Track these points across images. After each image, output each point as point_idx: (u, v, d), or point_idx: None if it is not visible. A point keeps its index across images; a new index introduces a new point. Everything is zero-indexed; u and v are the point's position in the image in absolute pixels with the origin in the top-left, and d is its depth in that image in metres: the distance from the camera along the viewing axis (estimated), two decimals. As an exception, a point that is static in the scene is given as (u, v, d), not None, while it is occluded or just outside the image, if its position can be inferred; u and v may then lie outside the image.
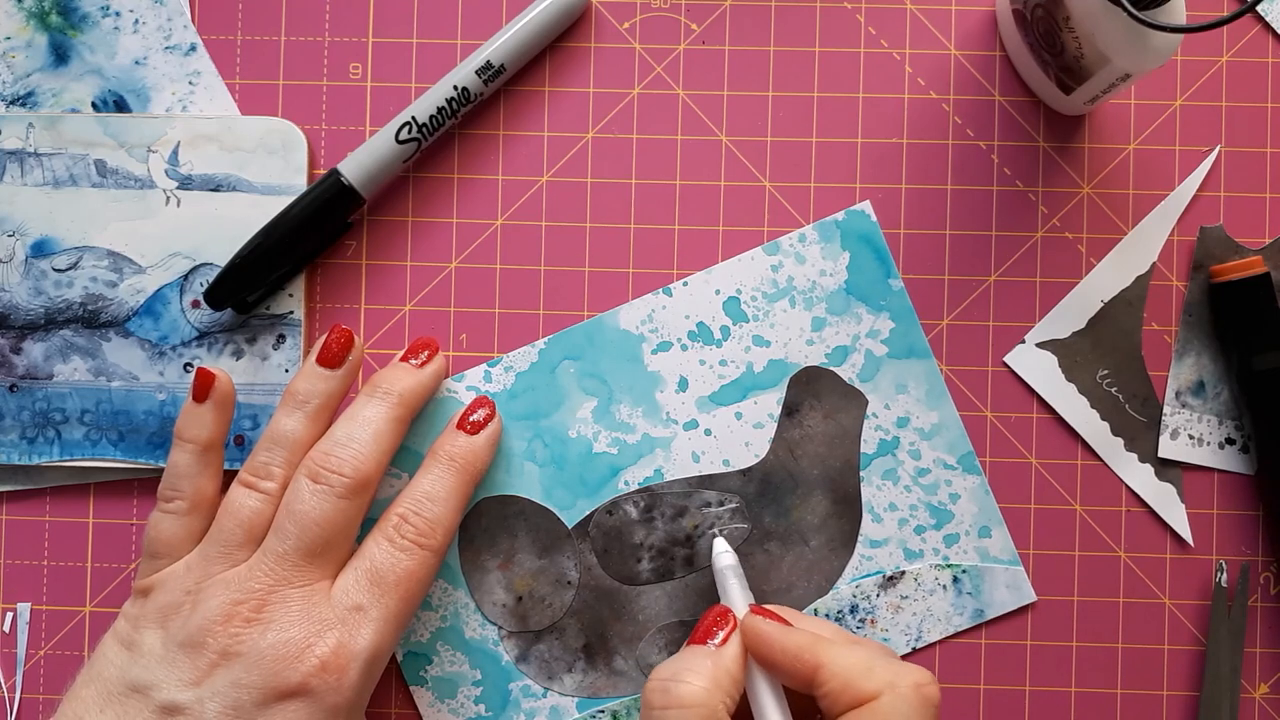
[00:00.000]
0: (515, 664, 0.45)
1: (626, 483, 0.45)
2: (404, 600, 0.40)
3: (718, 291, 0.45)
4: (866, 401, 0.45)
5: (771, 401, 0.45)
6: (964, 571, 0.45)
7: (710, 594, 0.45)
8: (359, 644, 0.39)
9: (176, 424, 0.42)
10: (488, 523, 0.45)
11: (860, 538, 0.45)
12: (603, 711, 0.45)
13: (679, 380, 0.45)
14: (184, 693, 0.37)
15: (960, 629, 0.45)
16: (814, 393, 0.45)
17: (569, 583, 0.45)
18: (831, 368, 0.45)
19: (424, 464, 0.42)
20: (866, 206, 0.45)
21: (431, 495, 0.41)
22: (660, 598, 0.45)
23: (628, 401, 0.45)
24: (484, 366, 0.45)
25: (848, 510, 0.45)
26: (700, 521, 0.45)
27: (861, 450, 0.45)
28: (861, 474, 0.45)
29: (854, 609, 0.45)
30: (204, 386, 0.42)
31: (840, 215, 0.45)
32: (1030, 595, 0.45)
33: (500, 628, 0.45)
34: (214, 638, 0.38)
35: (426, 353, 0.44)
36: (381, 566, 0.40)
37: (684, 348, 0.45)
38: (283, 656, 0.38)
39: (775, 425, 0.45)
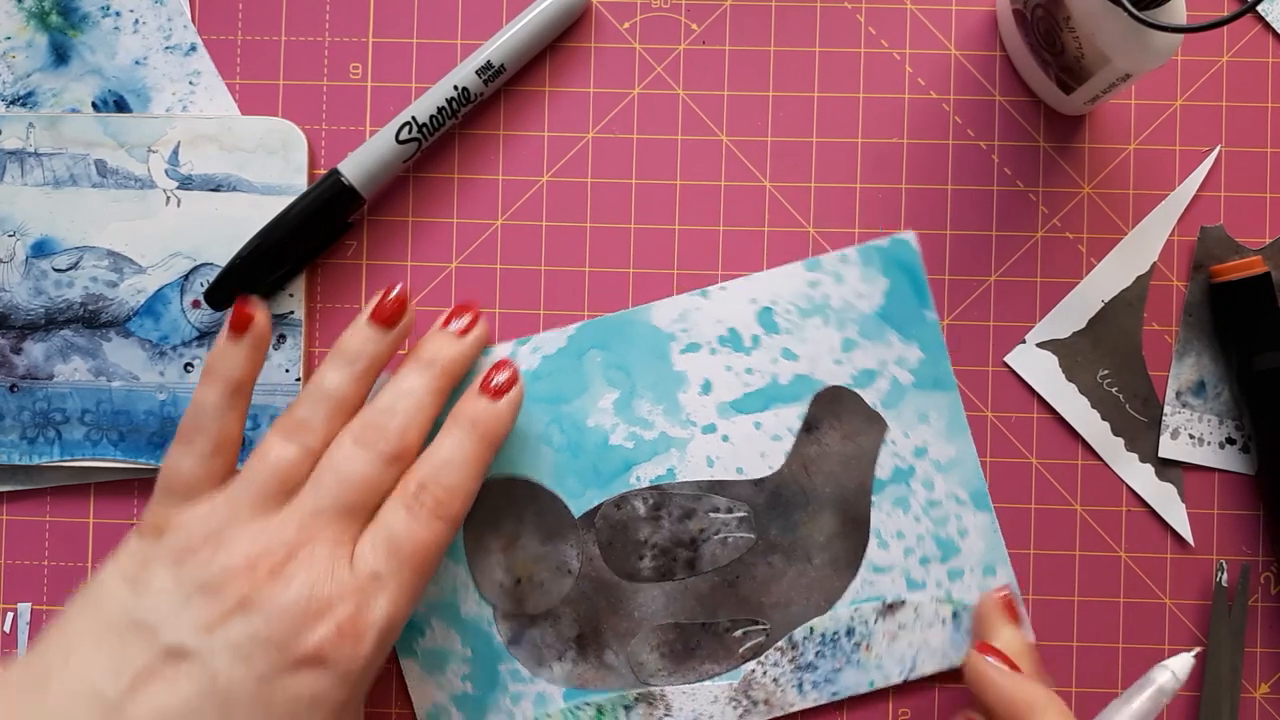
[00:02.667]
0: (507, 646, 0.45)
1: (638, 478, 0.45)
2: (418, 572, 0.39)
3: (753, 300, 0.45)
4: (886, 427, 0.45)
5: (792, 415, 0.45)
6: (965, 608, 0.45)
7: (708, 599, 0.45)
8: (376, 613, 0.37)
9: (207, 359, 0.40)
10: (496, 501, 0.45)
11: (864, 562, 0.45)
12: (589, 704, 0.45)
13: (703, 383, 0.45)
14: (194, 637, 0.36)
15: (954, 665, 0.45)
16: (835, 412, 0.45)
17: (569, 571, 0.45)
18: (856, 389, 0.45)
19: (445, 427, 0.41)
20: (911, 237, 0.45)
21: (451, 461, 0.40)
22: (658, 597, 0.45)
23: (650, 398, 0.45)
24: (513, 344, 0.45)
25: (855, 532, 0.45)
26: (706, 526, 0.45)
27: (876, 475, 0.45)
28: (873, 498, 0.45)
29: (850, 632, 0.45)
30: (242, 321, 0.40)
31: (884, 241, 0.45)
32: (1030, 636, 0.44)
33: (496, 608, 0.45)
34: (234, 585, 0.36)
35: (469, 317, 0.42)
36: (399, 536, 0.38)
37: (713, 351, 0.45)
38: (302, 615, 0.36)
39: (793, 439, 0.45)
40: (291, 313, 0.46)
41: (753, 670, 0.44)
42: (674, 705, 0.44)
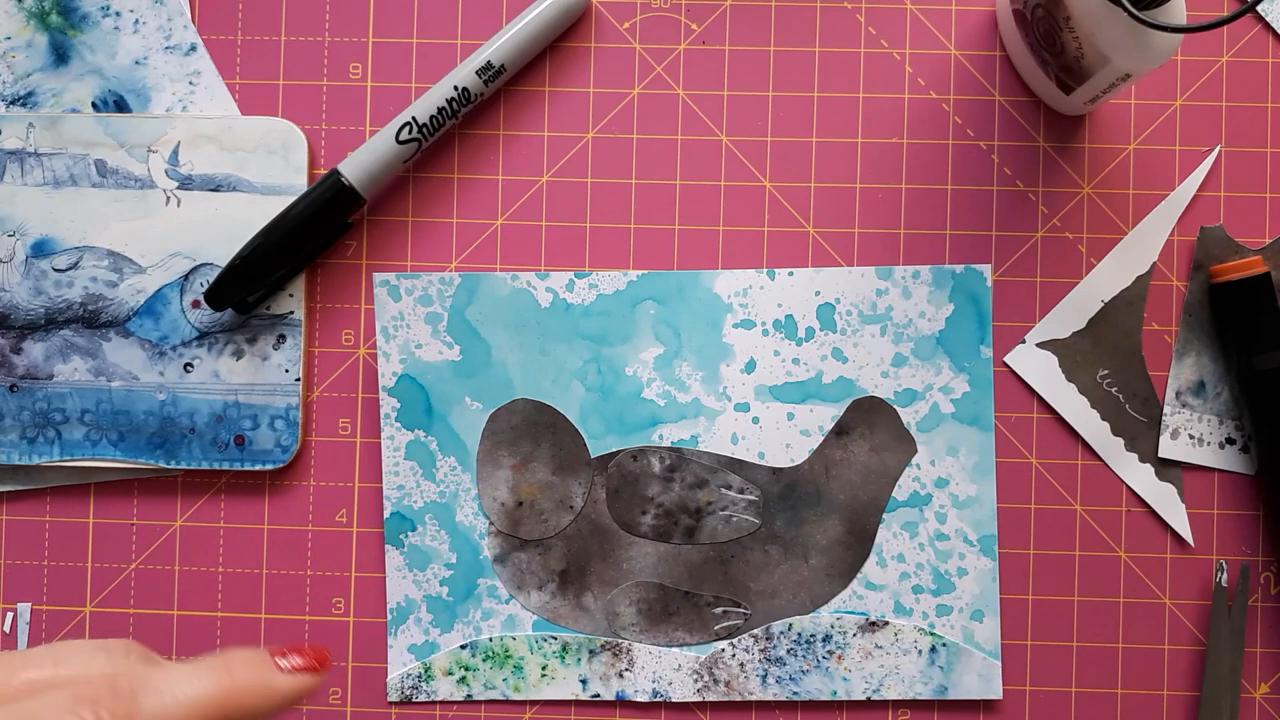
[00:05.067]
0: (492, 562, 0.45)
1: (661, 436, 0.45)
2: None
3: (817, 293, 0.45)
4: (915, 450, 0.45)
5: (827, 415, 0.45)
6: (944, 645, 0.45)
7: (698, 570, 0.45)
8: None
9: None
10: (518, 421, 0.45)
11: (860, 576, 0.45)
12: (555, 639, 0.45)
13: (748, 361, 0.45)
14: None
15: (920, 697, 0.45)
16: (870, 423, 0.45)
17: (571, 508, 0.45)
18: (896, 406, 0.45)
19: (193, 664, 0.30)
20: (987, 270, 0.45)
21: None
22: (650, 554, 0.45)
23: (692, 362, 0.45)
24: (571, 274, 0.45)
25: (858, 544, 0.45)
26: (715, 500, 0.45)
27: (893, 495, 0.45)
28: (884, 516, 0.45)
29: (827, 638, 0.45)
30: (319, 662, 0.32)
31: (959, 268, 0.45)
32: (998, 692, 0.45)
33: (491, 523, 0.45)
34: None
35: (302, 660, 0.32)
36: None
37: (765, 333, 0.45)
38: None
39: (821, 439, 0.45)
40: (291, 313, 0.46)
41: (723, 650, 0.45)
42: (637, 662, 0.45)
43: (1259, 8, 0.45)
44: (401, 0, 0.46)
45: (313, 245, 0.45)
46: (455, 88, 0.44)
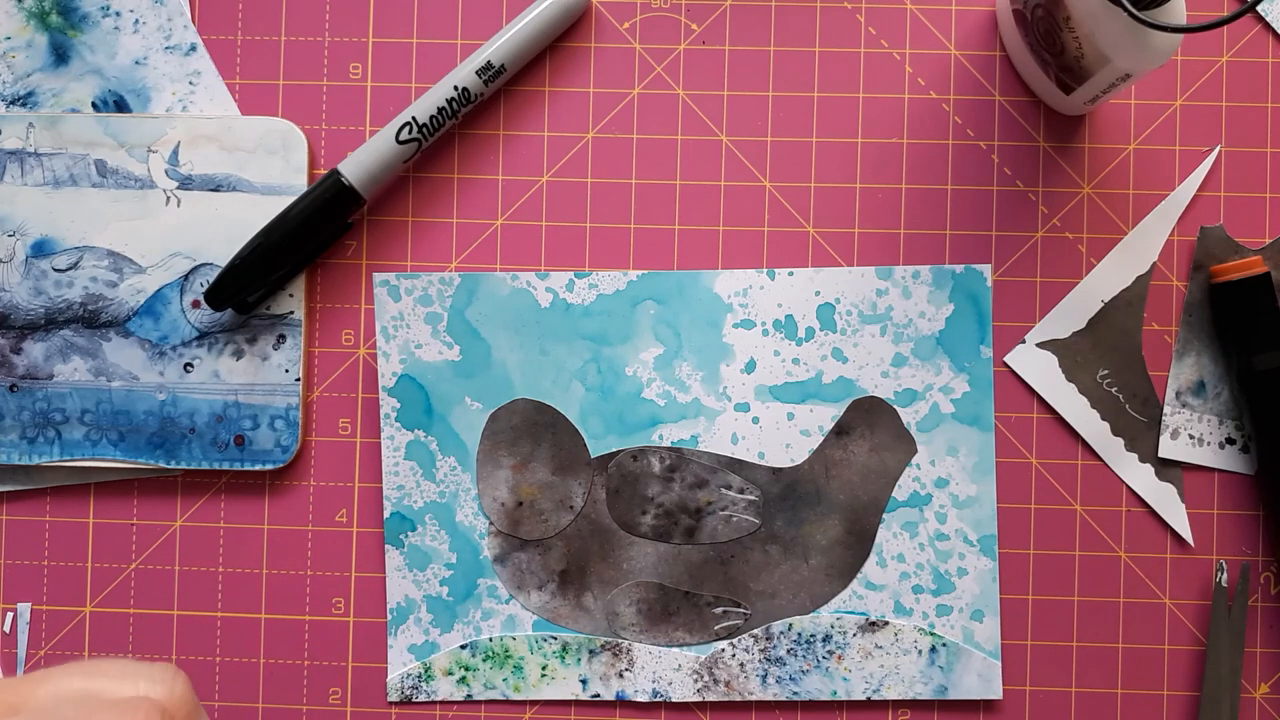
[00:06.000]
0: (492, 562, 0.45)
1: (661, 436, 0.45)
2: None
3: (817, 293, 0.45)
4: (915, 450, 0.45)
5: (827, 415, 0.45)
6: (944, 644, 0.45)
7: (697, 570, 0.45)
8: None
9: None
10: (518, 421, 0.45)
11: (859, 576, 0.45)
12: (555, 639, 0.45)
13: (748, 361, 0.45)
14: None
15: (920, 697, 0.45)
16: (870, 423, 0.45)
17: (571, 508, 0.45)
18: (896, 406, 0.45)
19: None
20: (987, 270, 0.45)
21: None
22: (650, 554, 0.45)
23: (692, 362, 0.45)
24: (571, 274, 0.45)
25: (857, 544, 0.45)
26: (715, 500, 0.45)
27: (893, 495, 0.45)
28: (884, 516, 0.45)
29: (827, 638, 0.45)
30: None
31: (959, 268, 0.45)
32: (998, 692, 0.44)
33: (491, 523, 0.45)
34: None
35: None
36: None
37: (765, 333, 0.45)
38: None
39: (821, 439, 0.45)
40: (291, 313, 0.46)
41: (723, 650, 0.45)
42: (637, 662, 0.45)
43: (1259, 8, 0.46)
44: (401, 0, 0.46)
45: (313, 245, 0.45)
46: (455, 88, 0.44)
